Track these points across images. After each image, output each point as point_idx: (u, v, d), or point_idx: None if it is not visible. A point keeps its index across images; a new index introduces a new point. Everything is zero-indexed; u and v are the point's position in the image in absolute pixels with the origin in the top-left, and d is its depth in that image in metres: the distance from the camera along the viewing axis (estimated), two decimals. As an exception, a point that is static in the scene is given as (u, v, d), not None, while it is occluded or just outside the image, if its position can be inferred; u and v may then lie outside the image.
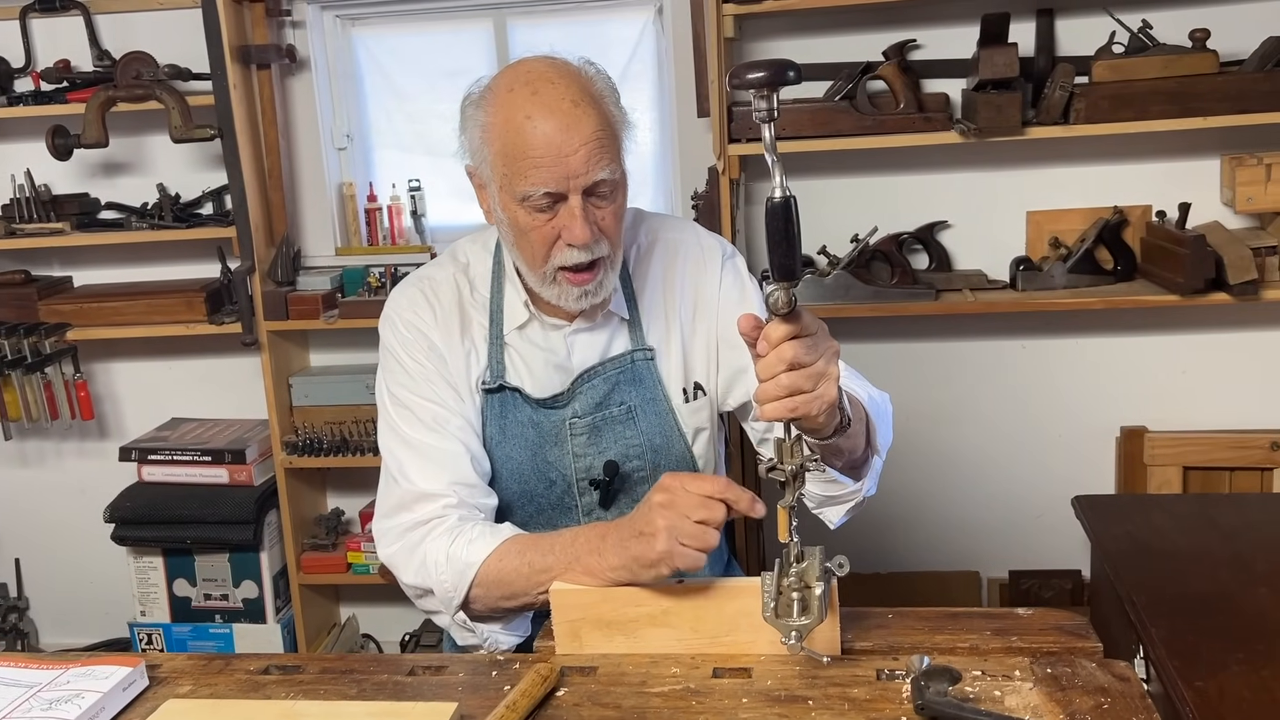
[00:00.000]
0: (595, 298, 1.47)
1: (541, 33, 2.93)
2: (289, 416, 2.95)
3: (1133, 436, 2.77)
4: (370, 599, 3.22)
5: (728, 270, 1.60)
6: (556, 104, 1.37)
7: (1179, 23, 2.53)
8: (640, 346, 1.57)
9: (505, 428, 1.54)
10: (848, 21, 2.68)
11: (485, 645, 1.45)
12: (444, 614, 1.45)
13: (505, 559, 1.38)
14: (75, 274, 3.13)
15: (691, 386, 1.59)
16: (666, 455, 1.57)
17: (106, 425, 3.21)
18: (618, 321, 1.57)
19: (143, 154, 3.03)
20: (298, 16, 2.88)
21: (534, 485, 1.56)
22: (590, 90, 1.40)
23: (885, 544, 2.95)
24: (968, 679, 1.14)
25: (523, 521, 1.55)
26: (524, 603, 1.39)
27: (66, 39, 2.91)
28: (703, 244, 1.62)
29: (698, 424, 1.60)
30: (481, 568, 1.38)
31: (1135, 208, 2.68)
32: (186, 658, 1.34)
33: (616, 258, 1.48)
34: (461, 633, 1.46)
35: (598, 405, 1.54)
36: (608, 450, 1.55)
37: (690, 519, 1.23)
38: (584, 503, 1.57)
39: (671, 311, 1.58)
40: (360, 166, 3.07)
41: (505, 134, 1.39)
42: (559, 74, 1.40)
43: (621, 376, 1.55)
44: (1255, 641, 1.72)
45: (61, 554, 3.30)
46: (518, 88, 1.39)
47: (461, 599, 1.40)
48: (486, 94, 1.43)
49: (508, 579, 1.37)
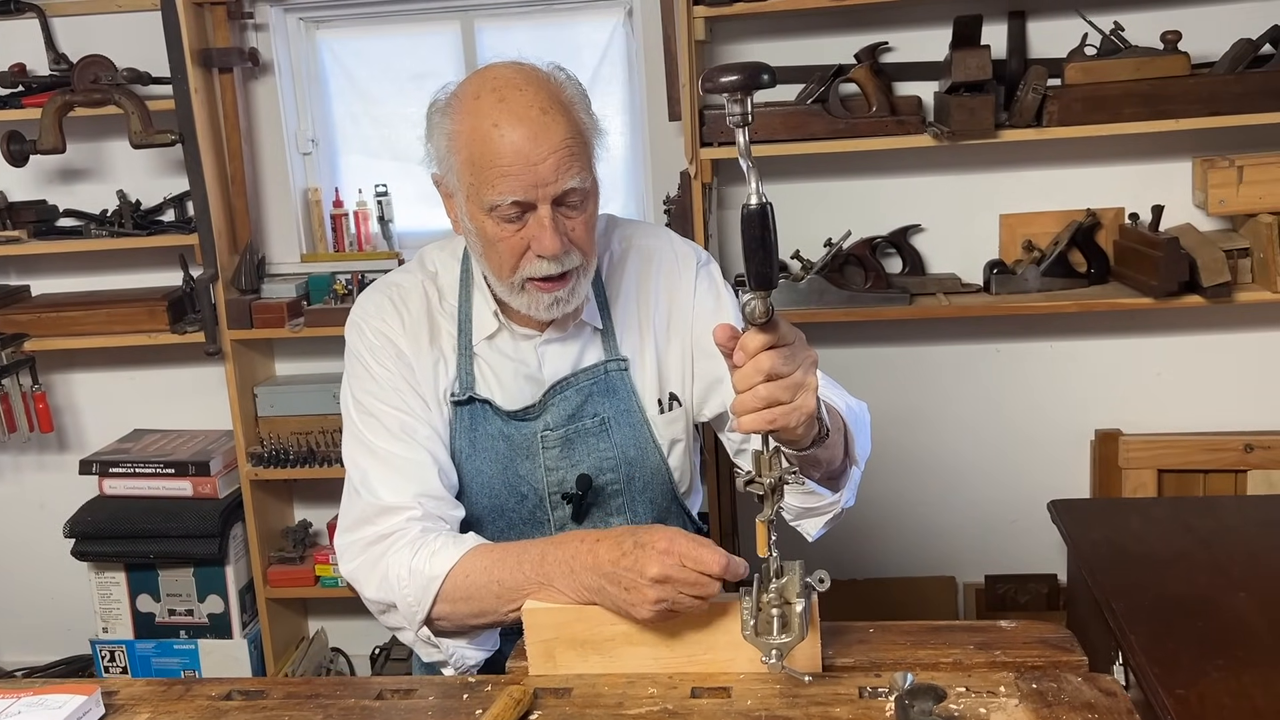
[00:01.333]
0: (567, 306, 1.44)
1: (510, 35, 2.89)
2: (254, 427, 2.89)
3: (1107, 440, 2.76)
4: (339, 612, 3.17)
5: (702, 278, 1.57)
6: (525, 111, 1.33)
7: (1151, 25, 2.52)
8: (614, 357, 1.53)
9: (475, 440, 1.50)
10: (819, 24, 2.66)
11: (451, 662, 1.41)
12: (408, 630, 1.41)
13: (471, 575, 1.34)
14: (33, 283, 3.06)
15: (666, 397, 1.56)
16: (641, 468, 1.54)
17: (66, 438, 3.14)
18: (590, 331, 1.53)
19: (102, 160, 2.96)
20: (260, 19, 2.83)
21: (505, 499, 1.52)
22: (559, 97, 1.37)
23: (860, 550, 2.93)
24: (952, 696, 1.12)
25: (493, 536, 1.51)
26: (493, 620, 1.35)
27: (22, 42, 2.83)
28: (677, 251, 1.59)
29: (673, 435, 1.57)
30: (446, 581, 1.34)
31: (1108, 210, 2.68)
32: (145, 683, 1.29)
33: (589, 267, 1.44)
34: (426, 649, 1.42)
35: (570, 417, 1.51)
36: (580, 463, 1.51)
37: (685, 596, 1.18)
38: (556, 517, 1.53)
39: (645, 321, 1.55)
40: (326, 171, 3.02)
41: (472, 142, 1.35)
42: (527, 80, 1.36)
43: (595, 387, 1.52)
44: (1235, 647, 1.71)
45: (21, 570, 3.23)
46: (485, 94, 1.35)
47: (425, 614, 1.36)
48: (453, 100, 1.39)
49: (475, 595, 1.33)
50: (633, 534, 1.23)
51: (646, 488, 1.56)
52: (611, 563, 1.22)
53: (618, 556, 1.21)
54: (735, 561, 1.19)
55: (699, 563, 1.17)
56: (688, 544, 1.19)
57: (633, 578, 1.19)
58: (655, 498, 1.57)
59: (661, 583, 1.18)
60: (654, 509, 1.58)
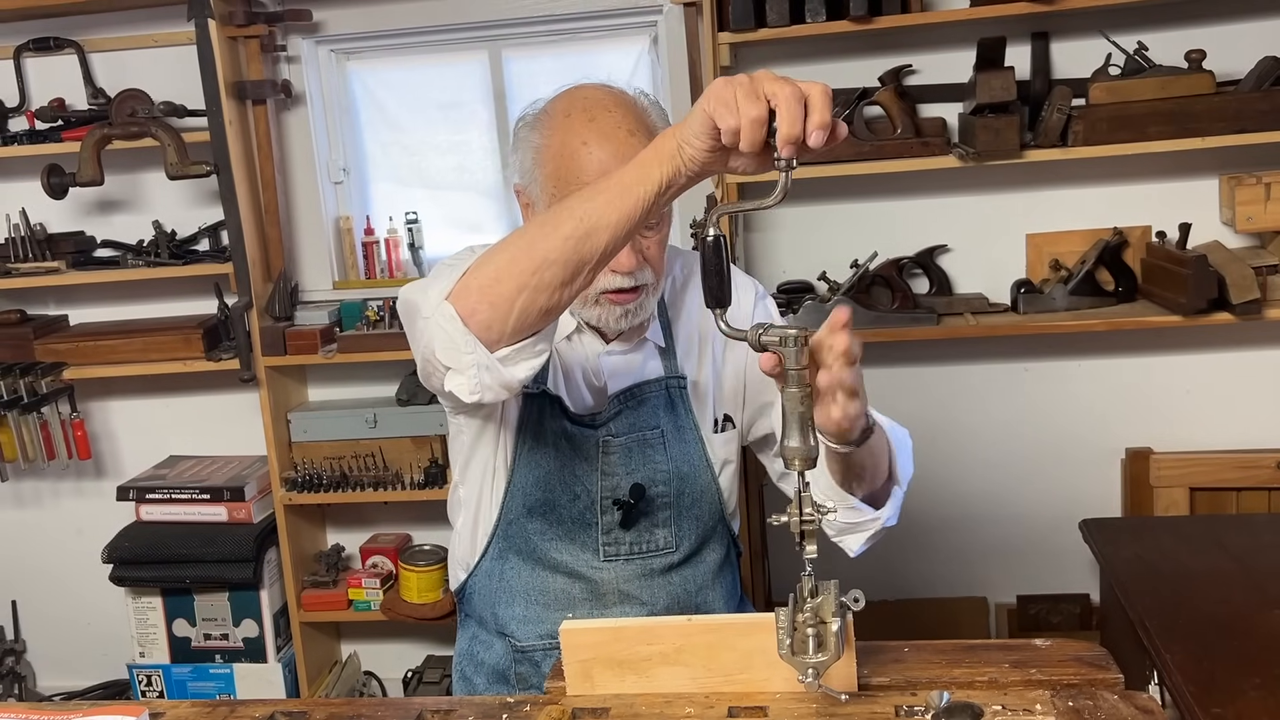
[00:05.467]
0: (636, 318, 1.50)
1: (536, 64, 2.93)
2: (288, 452, 2.93)
3: (1138, 458, 2.75)
4: (372, 636, 3.18)
5: (760, 310, 1.64)
6: (613, 132, 1.40)
7: (1174, 44, 2.53)
8: (674, 374, 1.58)
9: (539, 435, 1.54)
10: (843, 48, 2.68)
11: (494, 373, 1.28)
12: (428, 316, 1.28)
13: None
14: (71, 312, 3.11)
15: (721, 418, 1.61)
16: (692, 484, 1.58)
17: (104, 464, 3.18)
18: (651, 348, 1.58)
19: (138, 191, 3.02)
20: (293, 51, 2.88)
21: (558, 496, 1.55)
22: (645, 121, 1.44)
23: (891, 571, 2.93)
24: (988, 714, 1.12)
25: (541, 531, 1.56)
26: (523, 276, 1.21)
27: (61, 77, 2.90)
28: (736, 283, 1.63)
29: (725, 456, 1.62)
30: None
31: (1135, 228, 2.68)
32: (190, 705, 1.32)
33: (659, 285, 1.51)
34: (445, 347, 1.26)
35: (633, 427, 1.55)
36: (635, 472, 1.55)
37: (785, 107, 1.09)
38: (605, 521, 1.56)
39: (705, 344, 1.61)
40: (357, 200, 3.06)
41: (560, 157, 1.41)
42: (615, 102, 1.43)
43: (659, 401, 1.56)
44: (1273, 665, 1.70)
45: (59, 596, 3.27)
46: (575, 113, 1.42)
47: (456, 278, 1.26)
48: (542, 116, 1.46)
49: (507, 238, 1.26)
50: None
51: (695, 504, 1.59)
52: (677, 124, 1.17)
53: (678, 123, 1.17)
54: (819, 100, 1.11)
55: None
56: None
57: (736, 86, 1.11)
58: (702, 515, 1.60)
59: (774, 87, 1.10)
60: (699, 526, 1.60)
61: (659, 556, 1.57)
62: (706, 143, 1.13)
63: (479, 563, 1.61)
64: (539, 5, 2.80)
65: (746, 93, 1.10)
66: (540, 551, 1.56)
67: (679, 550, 1.58)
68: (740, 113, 1.09)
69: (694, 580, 1.60)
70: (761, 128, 1.10)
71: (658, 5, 2.76)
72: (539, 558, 1.57)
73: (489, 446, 1.55)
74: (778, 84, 1.10)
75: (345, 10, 2.84)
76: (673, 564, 1.58)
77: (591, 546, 1.55)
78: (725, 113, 1.10)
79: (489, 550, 1.59)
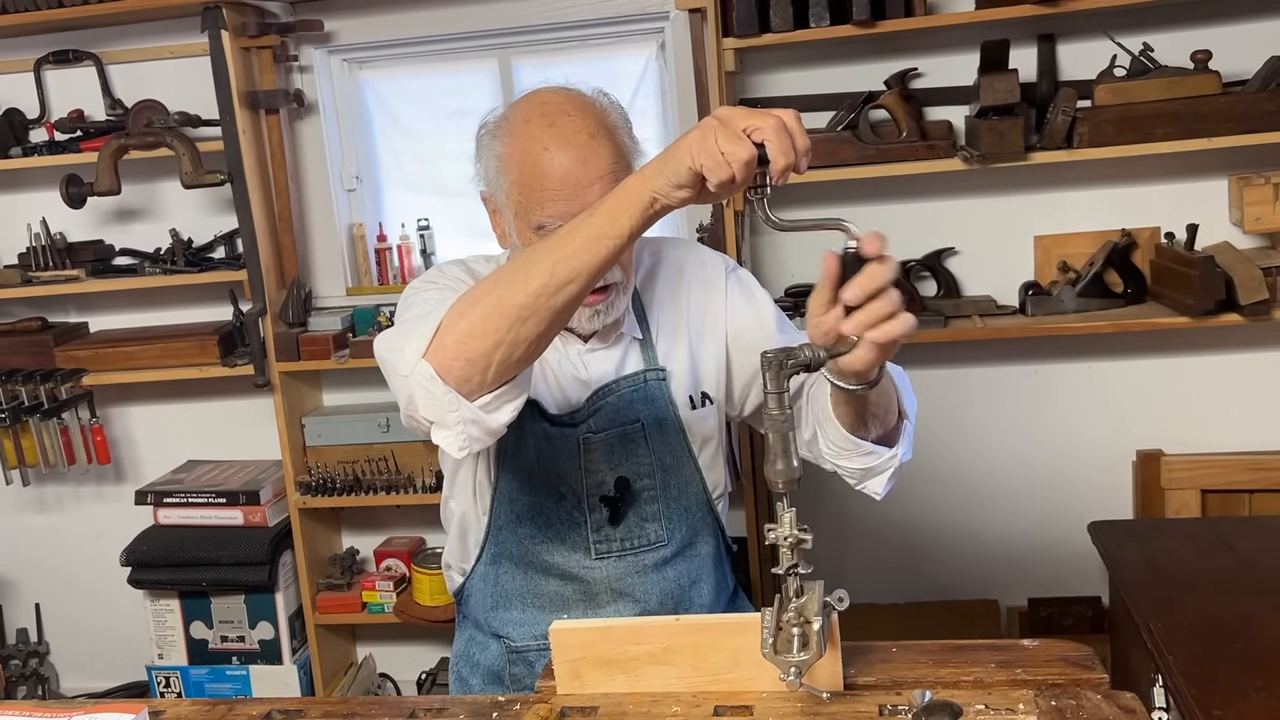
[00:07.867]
0: (606, 318, 1.51)
1: (547, 71, 2.93)
2: (302, 456, 2.96)
3: (1149, 460, 2.74)
4: (386, 638, 3.22)
5: (732, 282, 1.63)
6: (573, 137, 1.40)
7: (1180, 45, 2.52)
8: (653, 366, 1.59)
9: (520, 440, 1.55)
10: (848, 52, 2.69)
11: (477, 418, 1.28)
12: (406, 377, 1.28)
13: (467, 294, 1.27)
14: (91, 319, 3.17)
15: (699, 394, 1.60)
16: (676, 474, 1.59)
17: (123, 469, 3.23)
18: (630, 340, 1.59)
19: (155, 200, 3.07)
20: (305, 61, 2.92)
21: (544, 498, 1.56)
22: (605, 122, 1.44)
23: (901, 574, 2.93)
24: (970, 713, 1.13)
25: (530, 534, 1.57)
26: (498, 333, 1.21)
27: (80, 89, 2.96)
28: (705, 260, 1.66)
29: (705, 433, 1.61)
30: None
31: (1143, 230, 2.67)
32: (190, 703, 1.34)
33: (629, 283, 1.52)
34: (427, 403, 1.26)
35: (612, 422, 1.56)
36: (619, 467, 1.56)
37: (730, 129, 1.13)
38: (593, 519, 1.57)
39: (680, 327, 1.61)
40: (369, 207, 3.10)
41: (522, 165, 1.42)
42: (575, 106, 1.43)
43: (636, 394, 1.57)
44: (1275, 668, 1.69)
45: (80, 599, 3.32)
46: (535, 119, 1.42)
47: (428, 339, 1.25)
48: (503, 124, 1.47)
49: (478, 290, 1.25)
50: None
51: (681, 495, 1.60)
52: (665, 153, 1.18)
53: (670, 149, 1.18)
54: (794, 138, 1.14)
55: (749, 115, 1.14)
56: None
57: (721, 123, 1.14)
58: (690, 506, 1.61)
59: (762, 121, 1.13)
60: (688, 518, 1.62)
61: (651, 551, 1.58)
62: (686, 192, 1.16)
63: (473, 569, 1.64)
64: (548, 13, 2.82)
65: (728, 136, 1.12)
66: (532, 555, 1.58)
67: (670, 544, 1.59)
68: (732, 162, 1.12)
69: (686, 575, 1.62)
70: (753, 166, 1.13)
71: (665, 12, 2.78)
72: (531, 561, 1.58)
73: (471, 460, 1.56)
74: (755, 118, 1.13)
75: (356, 20, 2.88)
76: (664, 559, 1.59)
77: (582, 546, 1.57)
78: (717, 168, 1.13)
79: (482, 557, 1.62)
